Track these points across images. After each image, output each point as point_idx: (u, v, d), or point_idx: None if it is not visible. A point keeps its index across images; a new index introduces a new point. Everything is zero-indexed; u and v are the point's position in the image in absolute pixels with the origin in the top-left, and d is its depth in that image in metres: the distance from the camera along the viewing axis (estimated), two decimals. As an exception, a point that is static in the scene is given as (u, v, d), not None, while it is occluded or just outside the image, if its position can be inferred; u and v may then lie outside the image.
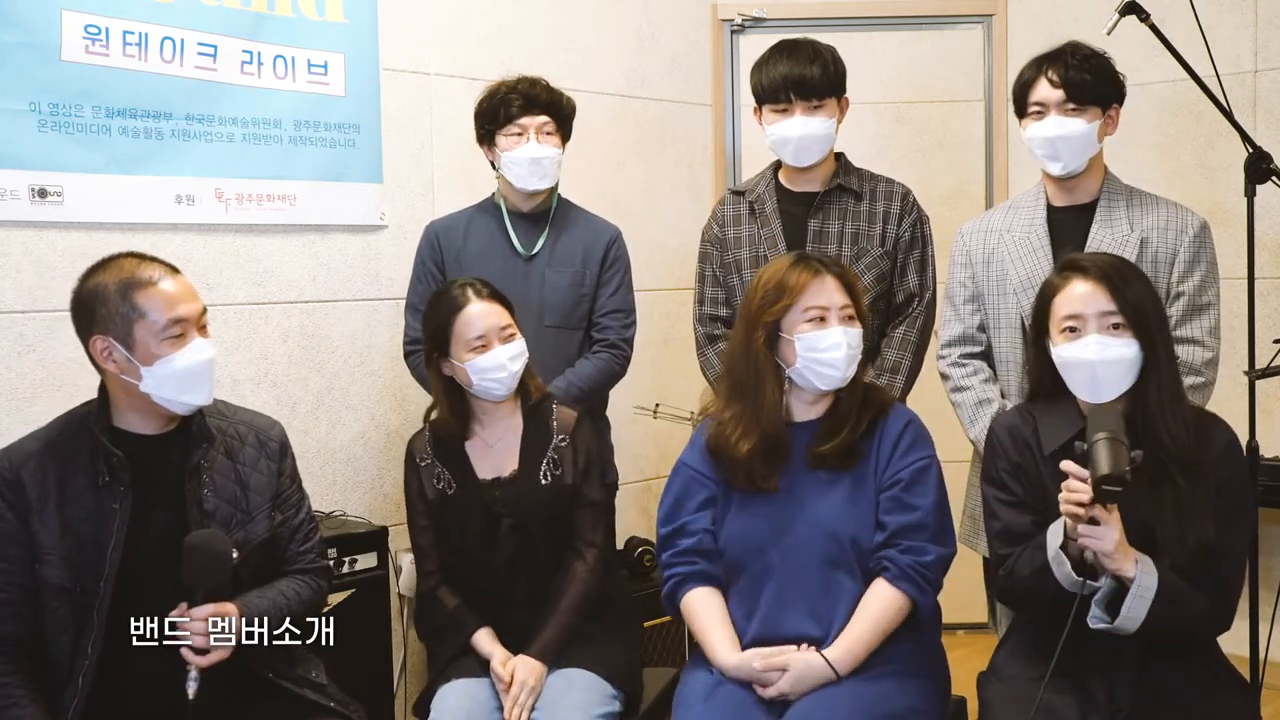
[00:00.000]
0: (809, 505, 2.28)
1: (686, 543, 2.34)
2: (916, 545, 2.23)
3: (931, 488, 2.28)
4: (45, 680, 2.06)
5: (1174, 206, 2.66)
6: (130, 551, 2.06)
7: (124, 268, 2.08)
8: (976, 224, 2.80)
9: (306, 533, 2.31)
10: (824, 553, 2.25)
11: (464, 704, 2.39)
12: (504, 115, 2.95)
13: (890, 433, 2.31)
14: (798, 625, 2.24)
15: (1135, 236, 2.59)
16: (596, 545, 2.59)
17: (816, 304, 2.28)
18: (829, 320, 2.28)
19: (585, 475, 2.60)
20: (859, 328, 2.32)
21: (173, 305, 2.07)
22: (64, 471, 2.08)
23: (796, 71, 2.80)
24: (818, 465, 2.29)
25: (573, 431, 2.61)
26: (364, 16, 3.39)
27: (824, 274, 2.31)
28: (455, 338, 2.53)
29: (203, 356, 2.10)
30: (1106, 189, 2.67)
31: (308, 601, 2.26)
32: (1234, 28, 3.88)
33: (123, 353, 2.05)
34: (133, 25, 2.95)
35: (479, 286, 2.58)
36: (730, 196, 3.05)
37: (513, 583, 2.55)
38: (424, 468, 2.61)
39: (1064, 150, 2.59)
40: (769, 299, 2.30)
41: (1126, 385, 2.12)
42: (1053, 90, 2.58)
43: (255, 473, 2.22)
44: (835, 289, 2.31)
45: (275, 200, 3.24)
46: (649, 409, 3.77)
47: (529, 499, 2.55)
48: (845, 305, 2.30)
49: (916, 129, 4.44)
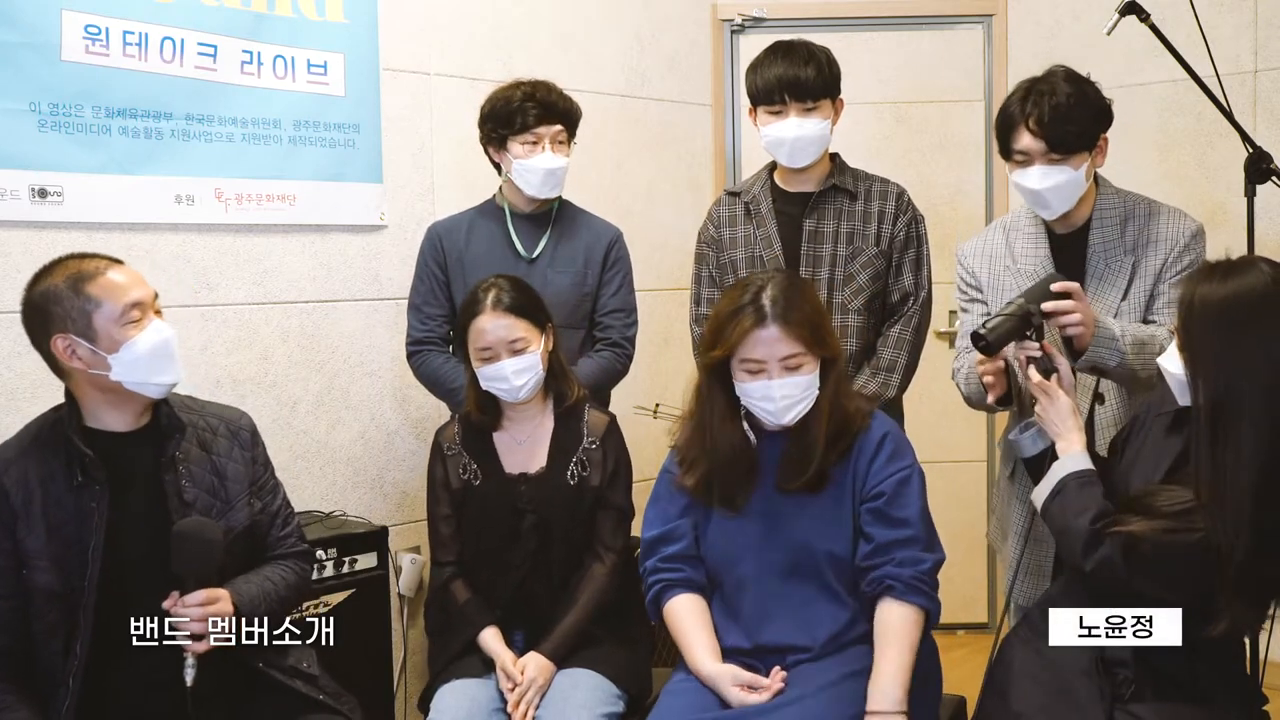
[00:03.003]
0: (784, 520, 2.26)
1: (672, 549, 2.34)
2: (912, 556, 2.20)
3: (915, 497, 2.25)
4: (37, 685, 2.07)
5: (1168, 215, 2.55)
6: (114, 548, 2.07)
7: (68, 266, 2.10)
8: (976, 247, 2.69)
9: (285, 517, 2.33)
10: (800, 567, 2.24)
11: (463, 704, 2.39)
12: (520, 123, 2.93)
13: (868, 445, 2.27)
14: (781, 635, 2.23)
15: (1128, 261, 2.50)
16: (616, 550, 2.59)
17: (752, 357, 2.21)
18: (767, 372, 2.20)
19: (612, 480, 2.61)
20: (807, 374, 2.21)
21: (126, 291, 2.09)
22: (43, 475, 2.09)
23: (791, 73, 2.80)
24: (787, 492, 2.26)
25: (604, 435, 2.62)
26: (364, 16, 3.40)
27: (767, 324, 2.19)
28: (469, 341, 2.55)
29: (164, 335, 2.11)
30: (1098, 211, 2.54)
31: (294, 585, 2.27)
32: (1234, 28, 3.88)
33: (86, 347, 2.06)
34: (133, 25, 2.95)
35: (501, 294, 2.55)
36: (726, 197, 3.05)
37: (530, 579, 2.55)
38: (450, 457, 2.62)
39: (1052, 199, 2.47)
40: (708, 343, 2.28)
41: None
42: (1034, 140, 2.42)
43: (230, 462, 2.23)
44: (779, 338, 2.18)
45: (275, 200, 3.24)
46: (649, 409, 3.77)
47: (554, 497, 2.55)
48: (788, 355, 2.19)
49: (916, 129, 4.44)
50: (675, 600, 2.32)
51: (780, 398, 2.21)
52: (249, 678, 2.18)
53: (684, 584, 2.32)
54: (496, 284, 2.58)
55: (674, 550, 2.33)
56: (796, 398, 2.22)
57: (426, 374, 3.04)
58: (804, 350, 2.21)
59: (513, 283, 2.60)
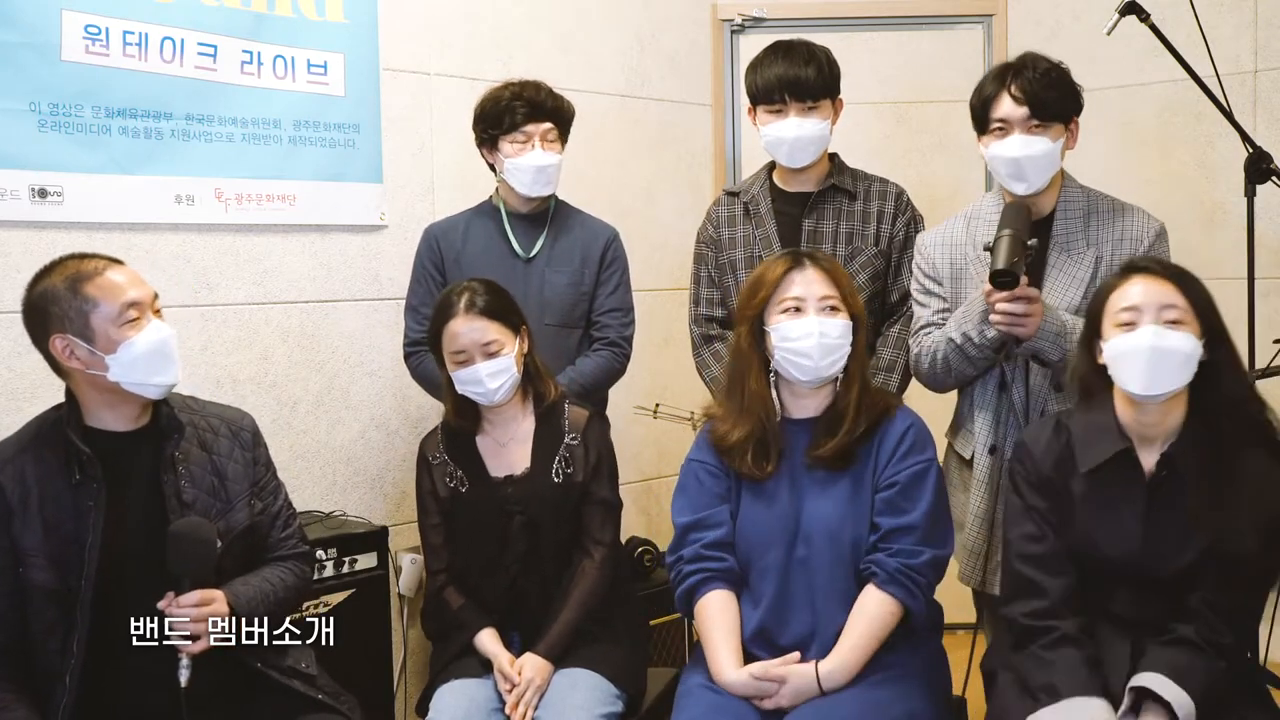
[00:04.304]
0: (811, 506, 2.28)
1: (710, 536, 2.32)
2: (907, 548, 2.22)
3: (929, 491, 2.27)
4: (35, 684, 2.07)
5: (1131, 214, 2.55)
6: (111, 547, 2.07)
7: (67, 266, 2.10)
8: (936, 236, 2.70)
9: (286, 519, 2.33)
10: (827, 554, 2.25)
11: (462, 704, 2.40)
12: (509, 122, 2.96)
13: (892, 436, 2.30)
14: (801, 622, 2.25)
15: (1091, 255, 2.50)
16: (605, 544, 2.59)
17: (791, 295, 2.29)
18: (805, 310, 2.28)
19: (595, 473, 2.60)
20: (844, 319, 2.29)
21: (123, 291, 2.08)
22: (41, 474, 2.09)
23: (791, 73, 2.80)
24: (814, 466, 2.29)
25: (584, 430, 2.62)
26: (364, 16, 3.40)
27: (805, 266, 2.32)
28: (444, 345, 2.56)
29: (162, 335, 2.11)
30: (1063, 200, 2.55)
31: (293, 587, 2.27)
32: (1234, 28, 3.88)
33: (84, 347, 2.06)
34: (133, 25, 2.95)
35: (475, 297, 2.55)
36: (725, 197, 3.05)
37: (523, 580, 2.56)
38: (436, 466, 2.62)
39: (1029, 170, 2.47)
40: (750, 293, 2.35)
41: (1181, 380, 2.05)
42: (1016, 107, 2.46)
43: (231, 462, 2.23)
44: (817, 280, 2.30)
45: (275, 200, 3.24)
46: (649, 409, 3.77)
47: (541, 497, 2.55)
48: (826, 296, 2.29)
49: (916, 129, 4.44)
50: (711, 595, 2.30)
51: (819, 334, 2.25)
52: (248, 678, 2.18)
53: (724, 576, 2.31)
54: (470, 287, 2.58)
55: (715, 537, 2.32)
56: (835, 340, 2.27)
57: (424, 375, 3.04)
58: (838, 296, 2.29)
59: (486, 285, 2.60)
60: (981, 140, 2.55)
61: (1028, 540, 2.16)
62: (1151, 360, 2.03)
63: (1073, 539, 2.13)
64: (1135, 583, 2.10)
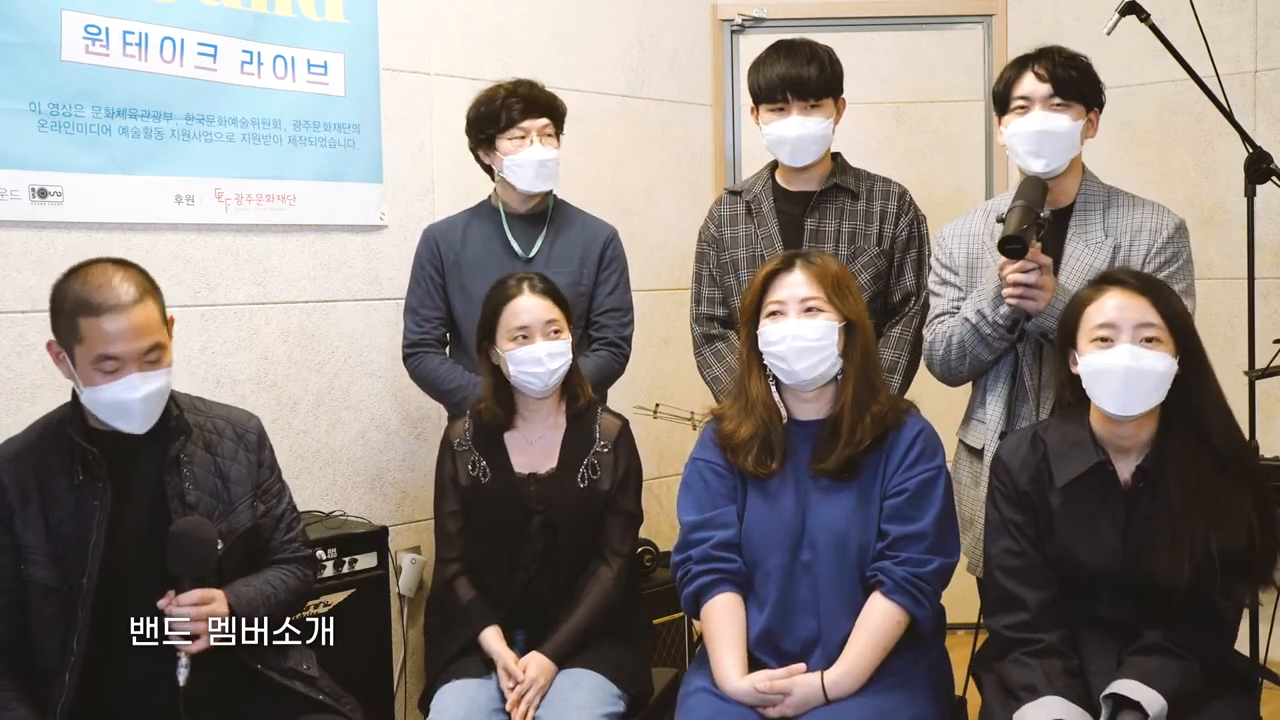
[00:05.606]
0: (817, 510, 2.26)
1: (719, 535, 2.30)
2: (915, 556, 2.20)
3: (937, 499, 2.25)
4: (35, 681, 2.07)
5: (1151, 208, 2.55)
6: (113, 547, 2.07)
7: (89, 280, 2.03)
8: (955, 228, 2.69)
9: (289, 522, 2.32)
10: (832, 559, 2.24)
11: (462, 704, 2.39)
12: (506, 119, 2.96)
13: (901, 442, 2.28)
14: (805, 627, 2.23)
15: (1109, 244, 2.50)
16: (623, 555, 2.59)
17: (775, 298, 2.29)
18: (786, 313, 2.27)
19: (623, 485, 2.60)
20: (826, 320, 2.25)
21: (107, 343, 2.00)
22: (44, 473, 2.08)
23: (794, 72, 2.80)
24: (818, 476, 2.28)
25: (616, 440, 2.62)
26: (364, 16, 3.40)
27: (794, 268, 2.31)
28: (501, 326, 2.55)
29: (133, 394, 2.02)
30: (1084, 192, 2.56)
31: (295, 590, 2.26)
32: (1234, 28, 3.88)
33: (68, 364, 2.06)
34: (133, 25, 2.95)
35: (535, 281, 2.60)
36: (727, 196, 3.05)
37: (537, 580, 2.55)
38: (460, 453, 2.62)
39: (1048, 146, 2.47)
40: (746, 297, 2.36)
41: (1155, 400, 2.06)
42: (1039, 84, 2.49)
43: (235, 464, 2.22)
44: (801, 282, 2.28)
45: (275, 200, 3.24)
46: (649, 409, 3.77)
47: (563, 499, 2.55)
48: (808, 298, 2.27)
49: (916, 129, 4.44)
50: (719, 599, 2.28)
51: (793, 336, 2.23)
52: (248, 678, 2.18)
53: (733, 578, 2.29)
54: (529, 276, 2.62)
55: (724, 537, 2.30)
56: (811, 342, 2.23)
57: (423, 375, 3.04)
58: (823, 297, 2.26)
59: (542, 276, 2.64)
60: (1002, 122, 2.57)
61: (1007, 554, 2.17)
62: (1127, 380, 2.04)
63: (1054, 551, 2.14)
64: (1118, 591, 2.11)
